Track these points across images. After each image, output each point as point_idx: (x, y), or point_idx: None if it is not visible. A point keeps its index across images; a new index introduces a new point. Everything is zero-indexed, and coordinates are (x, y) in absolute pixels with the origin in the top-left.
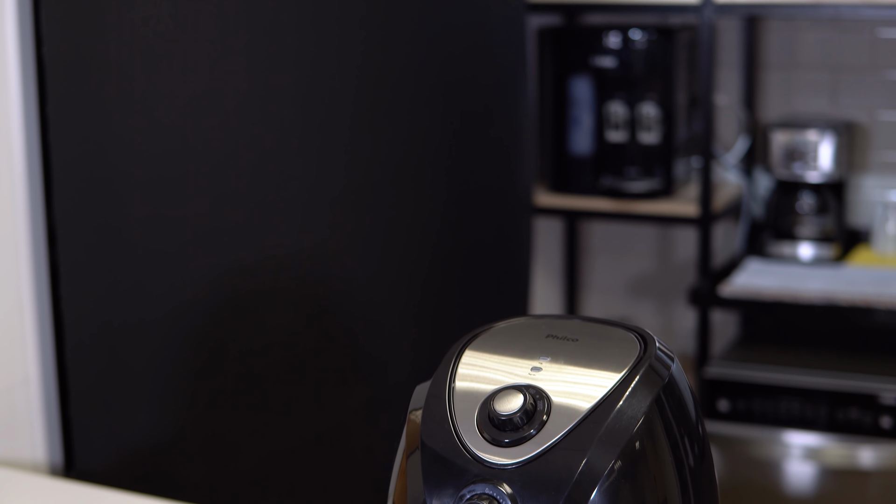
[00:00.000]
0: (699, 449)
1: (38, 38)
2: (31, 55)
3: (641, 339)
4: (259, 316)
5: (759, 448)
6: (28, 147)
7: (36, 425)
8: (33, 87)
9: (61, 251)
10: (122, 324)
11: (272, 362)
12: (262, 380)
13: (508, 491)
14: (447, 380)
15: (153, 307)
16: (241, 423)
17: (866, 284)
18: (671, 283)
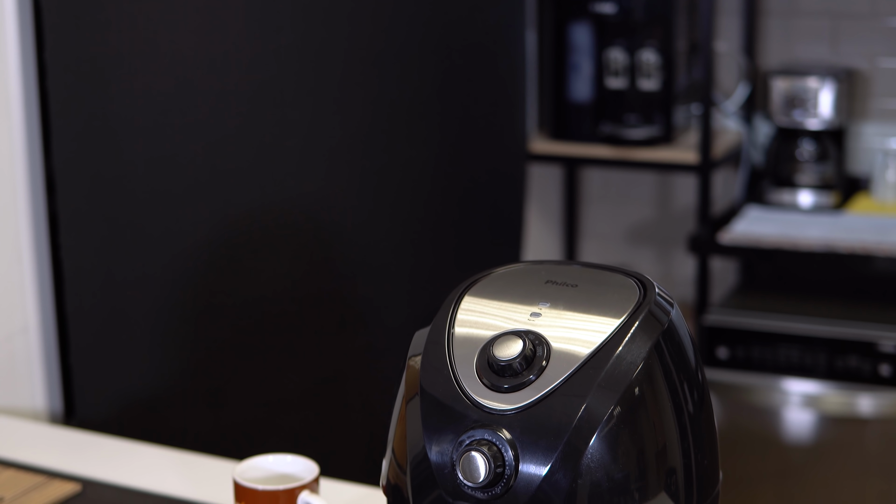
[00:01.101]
0: (699, 395)
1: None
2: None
3: (641, 284)
4: (257, 263)
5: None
6: (26, 95)
7: (36, 373)
8: (30, 32)
9: (60, 200)
10: (122, 272)
11: (270, 310)
12: (261, 327)
13: (508, 436)
14: (446, 326)
15: (152, 255)
16: (240, 371)
17: (866, 232)
18: (670, 230)
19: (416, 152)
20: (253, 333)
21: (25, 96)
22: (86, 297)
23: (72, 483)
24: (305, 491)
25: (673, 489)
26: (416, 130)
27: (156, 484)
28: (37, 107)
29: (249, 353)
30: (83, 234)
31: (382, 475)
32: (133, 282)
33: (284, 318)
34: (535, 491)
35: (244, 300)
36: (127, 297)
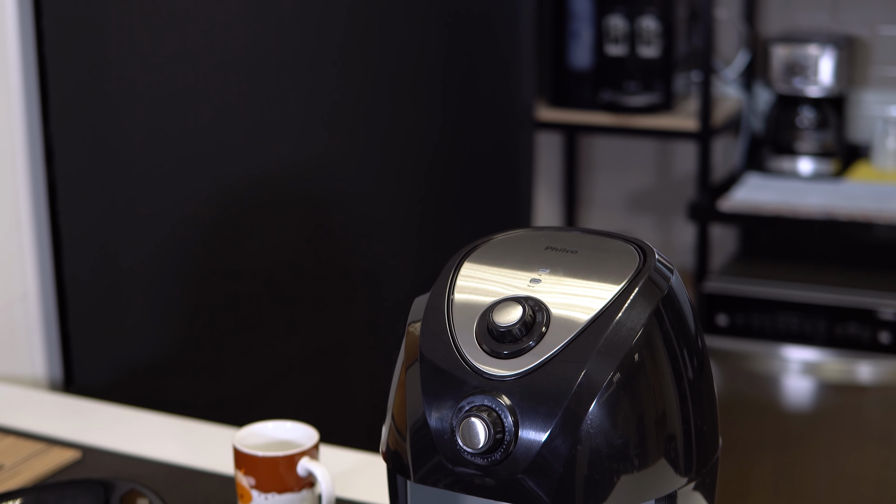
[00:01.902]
0: (698, 362)
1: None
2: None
3: (641, 250)
4: (257, 233)
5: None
6: (24, 61)
7: (35, 341)
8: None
9: (59, 168)
10: (121, 239)
11: (271, 278)
12: (261, 296)
13: (507, 402)
14: (446, 292)
15: (152, 223)
16: (241, 339)
17: (866, 200)
18: (670, 197)
19: (419, 121)
20: (253, 302)
21: (24, 66)
22: (84, 264)
23: (72, 450)
24: (305, 457)
25: (672, 455)
26: (419, 99)
27: (156, 450)
28: (35, 76)
29: (250, 321)
30: (82, 202)
31: (382, 441)
32: (132, 250)
33: (285, 287)
34: (534, 457)
35: (244, 268)
36: (126, 264)
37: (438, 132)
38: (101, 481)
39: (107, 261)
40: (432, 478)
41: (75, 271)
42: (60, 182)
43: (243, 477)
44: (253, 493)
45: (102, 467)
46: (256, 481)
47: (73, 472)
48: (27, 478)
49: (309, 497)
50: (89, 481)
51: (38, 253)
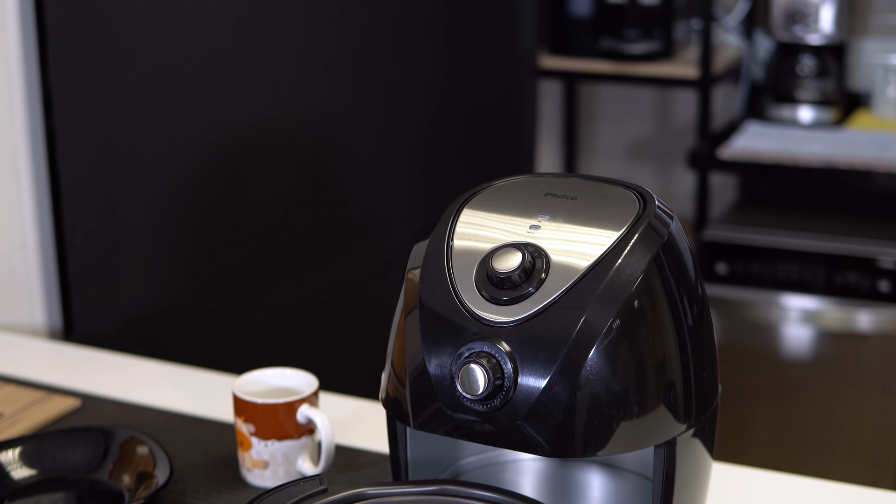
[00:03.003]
0: (698, 308)
1: None
2: None
3: (640, 197)
4: (257, 180)
5: (756, 311)
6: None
7: (35, 290)
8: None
9: (57, 116)
10: (120, 189)
11: (271, 226)
12: (262, 244)
13: (507, 349)
14: (445, 238)
15: (150, 172)
16: (241, 286)
17: (866, 148)
18: (670, 146)
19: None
20: (253, 250)
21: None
22: (83, 213)
23: (72, 398)
24: (305, 404)
25: (672, 402)
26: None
27: (155, 398)
28: (33, 23)
29: (249, 269)
30: (80, 151)
31: (382, 389)
32: (131, 198)
33: (286, 235)
34: (534, 403)
35: (244, 217)
36: (125, 213)
37: (440, 81)
38: (100, 429)
39: (106, 210)
40: (432, 424)
41: (74, 220)
42: (59, 131)
43: (243, 424)
44: (252, 440)
45: (102, 415)
46: (256, 428)
47: (73, 421)
48: (27, 426)
49: (308, 444)
50: (89, 429)
51: (37, 202)
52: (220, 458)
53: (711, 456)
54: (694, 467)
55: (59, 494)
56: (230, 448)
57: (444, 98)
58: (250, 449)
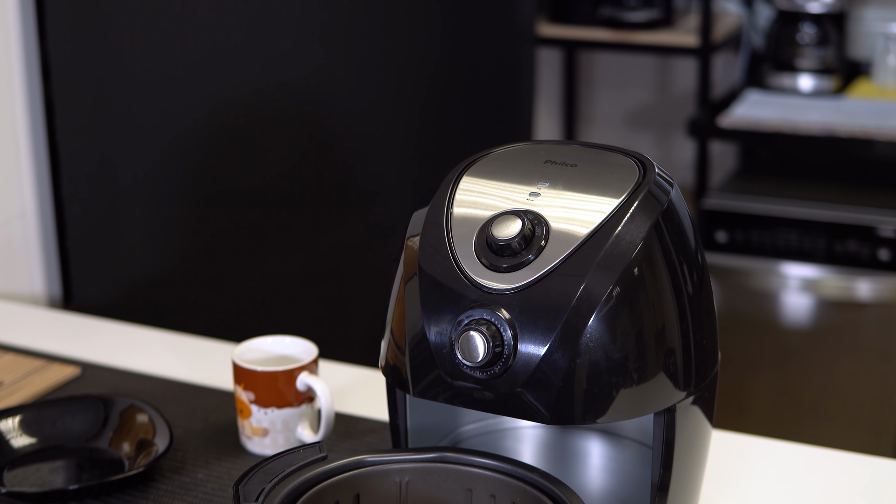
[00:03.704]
0: (698, 276)
1: None
2: None
3: (640, 164)
4: (256, 148)
5: (756, 279)
6: None
7: (34, 258)
8: None
9: (56, 84)
10: (118, 156)
11: (270, 194)
12: (260, 211)
13: (506, 316)
14: (445, 206)
15: (149, 140)
16: (240, 254)
17: (866, 116)
18: (670, 114)
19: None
20: (251, 218)
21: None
22: (82, 182)
23: (71, 366)
24: (304, 372)
25: (671, 369)
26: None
27: (155, 366)
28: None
29: (248, 238)
30: (79, 120)
31: (381, 356)
32: (130, 167)
33: (284, 203)
34: (533, 370)
35: (242, 185)
36: (124, 182)
37: (438, 49)
38: (100, 397)
39: (104, 178)
40: (431, 392)
41: (73, 189)
42: (57, 100)
43: (242, 392)
44: (252, 407)
45: (102, 383)
46: (256, 396)
47: (73, 389)
48: (27, 394)
49: (308, 412)
50: (89, 397)
51: (35, 170)
52: (220, 426)
53: (711, 423)
54: (693, 435)
55: (58, 462)
56: (230, 416)
57: (442, 66)
58: (250, 417)
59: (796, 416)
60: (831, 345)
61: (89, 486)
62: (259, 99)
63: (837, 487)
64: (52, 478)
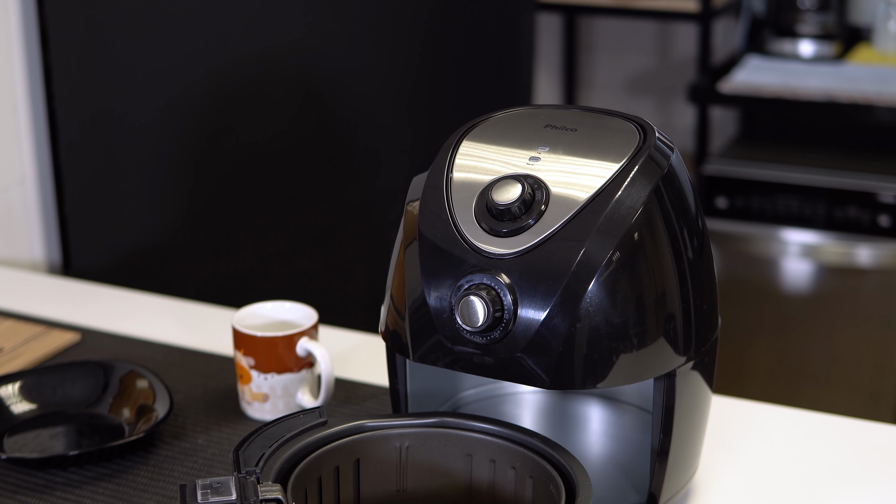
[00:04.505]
0: (698, 241)
1: None
2: None
3: (641, 129)
4: (253, 112)
5: (756, 245)
6: None
7: (33, 224)
8: None
9: (54, 50)
10: (117, 122)
11: (268, 155)
12: (259, 174)
13: (506, 281)
14: (444, 170)
15: (147, 105)
16: (238, 221)
17: (866, 82)
18: (670, 79)
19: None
20: (250, 183)
21: None
22: (81, 148)
23: (71, 332)
24: (304, 337)
25: (671, 334)
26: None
27: (155, 332)
28: None
29: (247, 203)
30: (77, 86)
31: (381, 321)
32: (128, 132)
33: (282, 167)
34: (533, 335)
35: (241, 150)
36: (122, 147)
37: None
38: (100, 363)
39: (103, 144)
40: (431, 357)
41: (72, 155)
42: (56, 65)
43: (242, 357)
44: (252, 373)
45: (102, 349)
46: (256, 361)
47: (73, 355)
48: (27, 360)
49: (308, 377)
50: (89, 363)
51: (34, 136)
52: (220, 392)
53: (711, 389)
54: (693, 400)
55: (58, 428)
56: (230, 381)
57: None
58: (250, 382)
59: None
60: (831, 311)
61: (89, 452)
62: (255, 63)
63: (837, 453)
64: (52, 444)
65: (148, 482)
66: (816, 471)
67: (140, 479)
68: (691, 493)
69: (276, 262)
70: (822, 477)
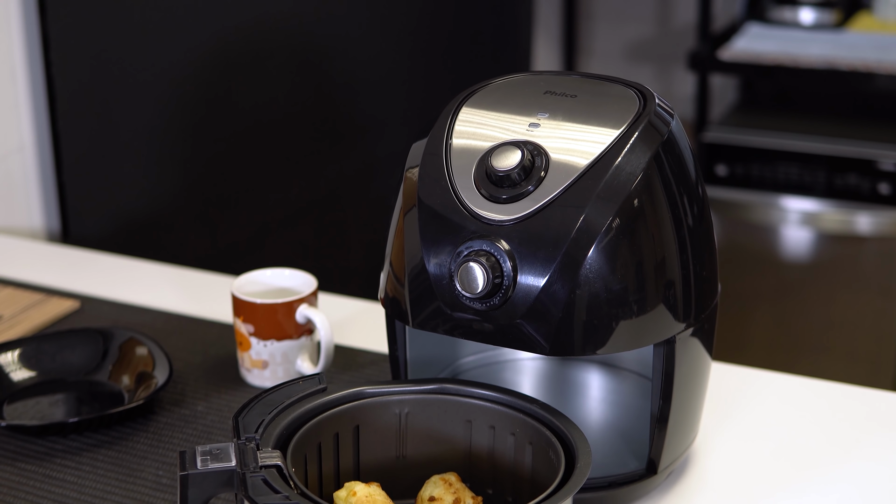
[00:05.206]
0: (698, 208)
1: None
2: None
3: (641, 95)
4: (252, 79)
5: (756, 213)
6: None
7: (32, 192)
8: None
9: (51, 18)
10: (115, 89)
11: (268, 121)
12: (258, 141)
13: (506, 247)
14: (444, 137)
15: (145, 72)
16: (237, 188)
17: (867, 50)
18: (670, 47)
19: None
20: (249, 150)
21: None
22: (79, 115)
23: (70, 300)
24: (304, 304)
25: (671, 301)
26: None
27: (154, 299)
28: None
29: (245, 170)
30: (75, 53)
31: (380, 288)
32: (126, 100)
33: (281, 134)
34: (533, 301)
35: (240, 116)
36: (121, 115)
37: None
38: (99, 330)
39: (101, 111)
40: (431, 323)
41: (70, 122)
42: (53, 33)
43: (242, 324)
44: (252, 340)
45: (101, 317)
46: (255, 328)
47: (72, 322)
48: (26, 328)
49: (308, 344)
50: (88, 330)
51: (32, 104)
52: (220, 359)
53: (710, 355)
54: (693, 366)
55: (58, 396)
56: (229, 348)
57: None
58: (249, 349)
59: (795, 350)
60: (831, 278)
61: (89, 419)
62: (253, 29)
63: (837, 419)
64: (51, 411)
65: (147, 449)
66: (816, 437)
67: (139, 446)
68: (691, 460)
69: (276, 230)
70: (822, 443)
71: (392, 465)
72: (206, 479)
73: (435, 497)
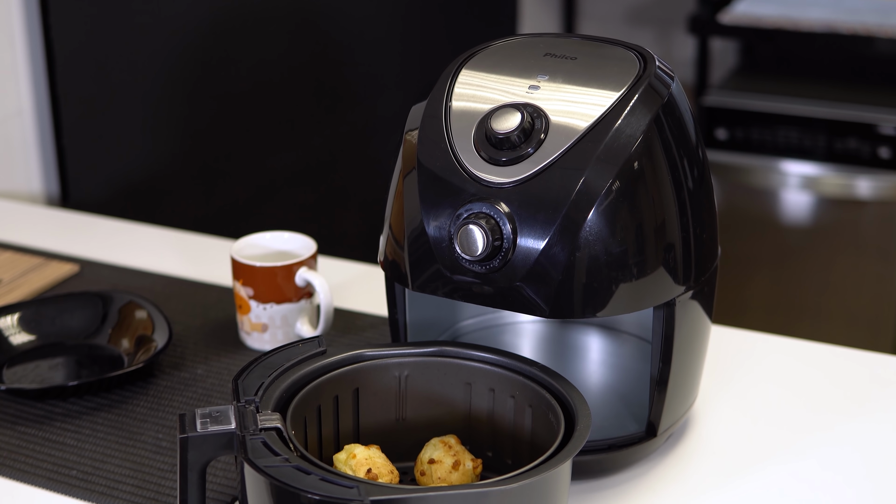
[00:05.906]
0: (698, 171)
1: None
2: None
3: (641, 57)
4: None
5: (756, 177)
6: None
7: (31, 156)
8: None
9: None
10: (114, 53)
11: (265, 84)
12: (255, 107)
13: (506, 210)
14: (443, 99)
15: (143, 37)
16: (236, 152)
17: (868, 14)
18: (670, 10)
19: None
20: (247, 112)
21: None
22: (78, 79)
23: (70, 263)
24: (303, 267)
25: (671, 264)
26: None
27: (153, 263)
28: None
29: (244, 134)
30: (74, 17)
31: (380, 251)
32: (125, 63)
33: (279, 97)
34: (532, 264)
35: (237, 79)
36: (119, 78)
37: None
38: (99, 294)
39: (100, 75)
40: (431, 286)
41: (69, 86)
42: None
43: (241, 288)
44: (251, 303)
45: (100, 280)
46: (255, 292)
47: (72, 286)
48: (26, 291)
49: (307, 307)
50: (87, 294)
51: (31, 69)
52: (219, 322)
53: (710, 319)
54: (693, 329)
55: (58, 359)
56: (229, 311)
57: None
58: (249, 312)
59: (795, 313)
60: (831, 242)
61: (89, 383)
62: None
63: (836, 382)
64: (51, 374)
65: (147, 412)
66: (815, 400)
67: (139, 410)
68: (690, 422)
69: (274, 192)
70: (821, 406)
71: (392, 428)
72: (205, 442)
73: (434, 459)
